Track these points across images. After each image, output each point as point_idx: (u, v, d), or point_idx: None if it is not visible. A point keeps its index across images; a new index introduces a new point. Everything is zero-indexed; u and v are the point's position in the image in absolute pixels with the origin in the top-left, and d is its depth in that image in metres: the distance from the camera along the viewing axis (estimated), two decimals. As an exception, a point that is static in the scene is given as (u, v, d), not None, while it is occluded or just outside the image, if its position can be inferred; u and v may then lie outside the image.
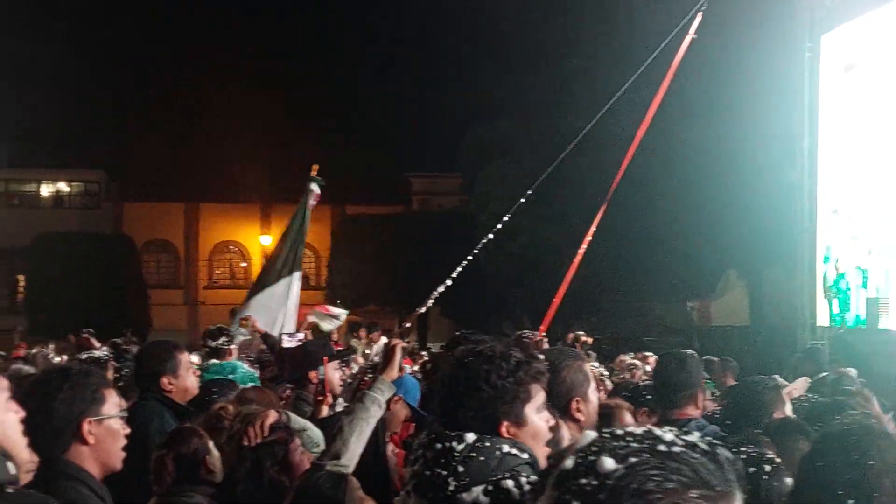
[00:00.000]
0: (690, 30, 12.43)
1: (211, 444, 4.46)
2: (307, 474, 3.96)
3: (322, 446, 4.64)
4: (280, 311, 12.60)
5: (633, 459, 1.32)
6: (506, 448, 2.86)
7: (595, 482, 1.32)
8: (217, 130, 54.07)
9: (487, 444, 2.86)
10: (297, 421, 4.88)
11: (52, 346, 26.03)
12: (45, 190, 52.95)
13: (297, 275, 13.10)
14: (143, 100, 64.38)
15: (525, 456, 2.86)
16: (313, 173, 13.54)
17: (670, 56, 12.47)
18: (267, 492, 4.10)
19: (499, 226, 11.35)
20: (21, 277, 47.12)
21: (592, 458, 1.35)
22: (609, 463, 1.32)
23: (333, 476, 3.76)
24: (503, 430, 2.97)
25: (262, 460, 4.22)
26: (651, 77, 12.44)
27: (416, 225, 44.58)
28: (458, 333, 5.81)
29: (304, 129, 56.36)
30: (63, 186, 52.85)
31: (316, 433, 5.00)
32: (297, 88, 61.26)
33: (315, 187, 13.51)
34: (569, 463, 1.38)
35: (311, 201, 13.67)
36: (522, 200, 12.11)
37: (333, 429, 4.33)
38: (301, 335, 10.45)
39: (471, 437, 2.87)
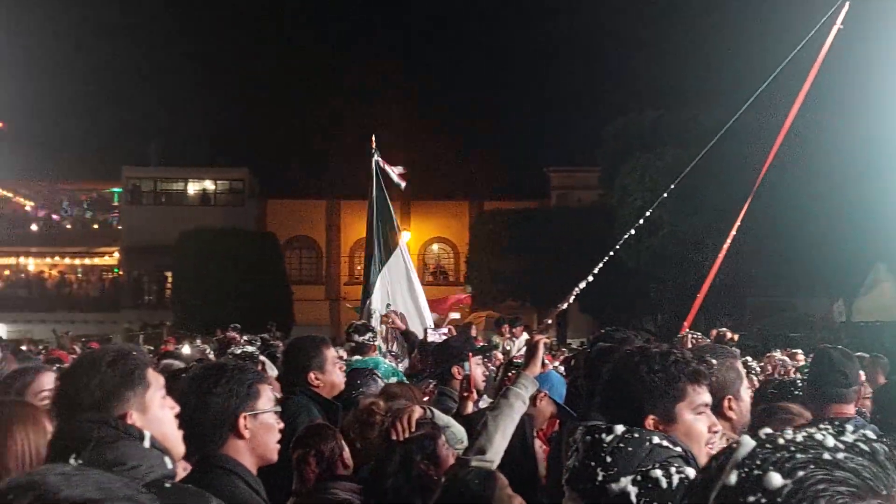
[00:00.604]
0: (837, 20, 12.08)
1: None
2: (453, 470, 3.96)
3: (465, 443, 4.64)
4: (409, 305, 12.30)
5: (800, 473, 1.27)
6: (655, 439, 2.82)
7: (764, 500, 1.27)
8: (358, 127, 54.90)
9: (636, 435, 2.83)
10: (441, 417, 4.89)
11: (198, 341, 26.79)
12: (192, 188, 54.41)
13: (395, 258, 12.66)
14: (286, 98, 65.73)
15: (678, 449, 2.81)
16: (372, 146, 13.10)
17: (816, 47, 12.15)
18: (415, 486, 4.12)
19: (640, 221, 11.17)
20: (168, 274, 48.49)
21: (758, 472, 1.30)
22: (777, 479, 1.27)
23: (481, 472, 3.75)
24: (648, 423, 2.94)
25: (411, 454, 4.25)
26: (796, 68, 12.13)
27: (555, 220, 44.36)
28: (602, 331, 5.74)
29: (442, 124, 56.80)
30: (209, 185, 54.23)
31: (459, 430, 5.00)
32: (435, 86, 61.77)
33: (377, 158, 13.04)
34: (732, 478, 1.33)
35: (396, 179, 13.20)
36: (665, 195, 11.90)
37: (478, 425, 4.33)
38: (444, 330, 10.46)
39: (620, 428, 2.85)
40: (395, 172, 13.06)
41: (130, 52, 71.42)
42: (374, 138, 13.14)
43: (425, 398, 6.24)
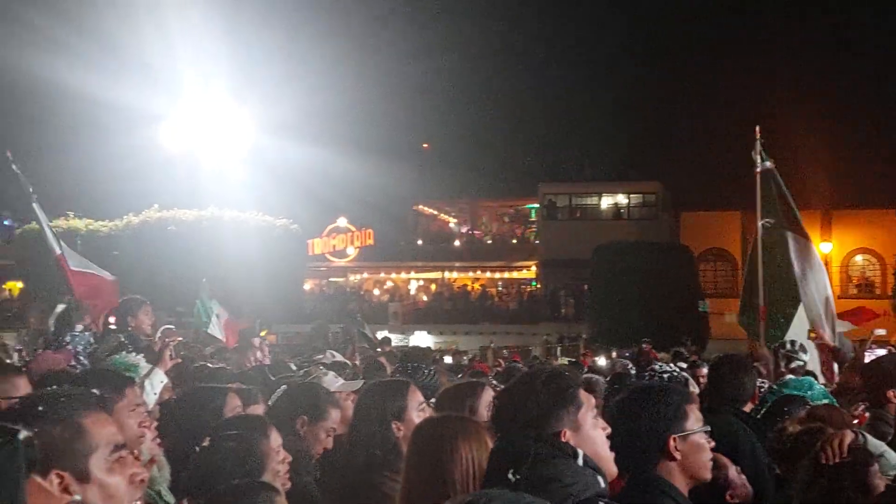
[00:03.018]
0: None
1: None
2: (881, 498, 3.73)
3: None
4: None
5: None
6: None
7: None
8: (777, 135, 53.22)
9: None
10: (873, 443, 4.58)
11: (614, 354, 26.99)
12: (605, 202, 55.06)
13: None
14: (695, 109, 65.05)
15: None
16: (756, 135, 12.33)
17: None
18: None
19: None
20: (584, 287, 49.27)
21: None
22: None
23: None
24: None
25: (840, 481, 4.03)
26: None
27: None
28: None
29: (867, 128, 53.76)
30: (622, 199, 54.63)
31: (892, 456, 4.65)
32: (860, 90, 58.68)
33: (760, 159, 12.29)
34: None
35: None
36: None
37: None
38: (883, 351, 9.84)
39: None
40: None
41: (540, 73, 73.61)
42: (758, 144, 12.66)
43: (855, 421, 5.89)
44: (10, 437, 1.35)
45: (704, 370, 10.27)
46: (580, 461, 2.81)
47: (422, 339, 42.93)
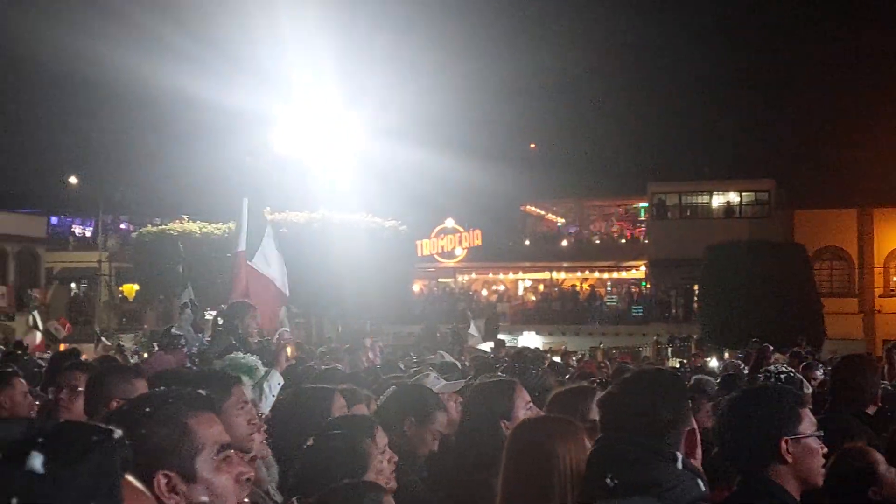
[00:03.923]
0: None
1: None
2: None
3: None
4: None
5: None
6: None
7: None
8: (889, 131, 51.81)
9: None
10: None
11: (726, 355, 26.55)
12: (716, 201, 54.23)
13: None
14: (809, 106, 63.69)
15: None
16: None
17: None
18: None
19: None
20: (695, 287, 48.61)
21: None
22: None
23: None
24: None
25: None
26: None
27: None
28: None
29: None
30: (733, 197, 53.73)
31: None
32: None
33: None
34: None
35: None
36: None
37: None
38: None
39: None
40: None
41: (647, 70, 72.88)
42: None
43: None
44: (106, 436, 1.38)
45: (818, 372, 10.05)
46: (679, 464, 2.76)
47: (530, 339, 42.83)
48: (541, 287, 56.78)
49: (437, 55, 54.06)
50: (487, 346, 25.81)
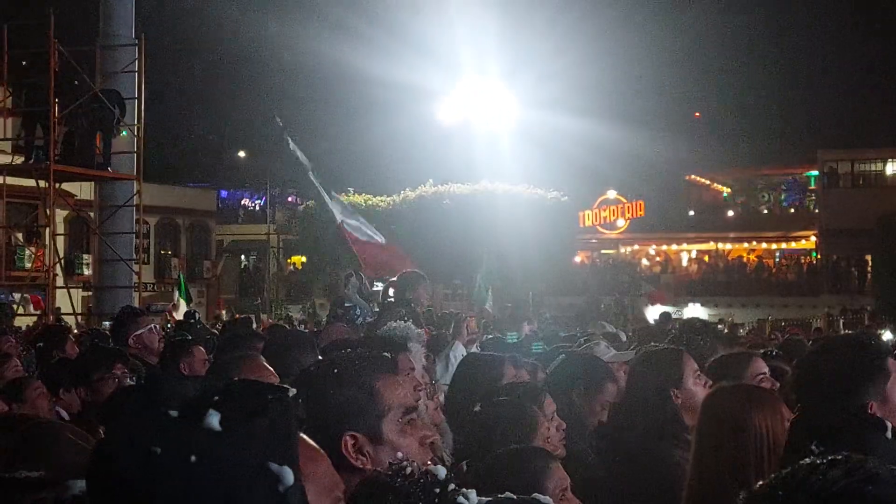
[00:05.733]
0: None
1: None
2: None
3: None
4: None
5: None
6: None
7: None
8: None
9: None
10: None
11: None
12: (890, 168, 52.30)
13: None
14: None
15: None
16: None
17: None
18: None
19: None
20: (868, 258, 47.13)
21: None
22: None
23: None
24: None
25: None
26: None
27: None
28: None
29: None
30: (910, 164, 51.78)
31: None
32: None
33: None
34: None
35: None
36: None
37: None
38: None
39: None
40: None
41: (815, 33, 70.24)
42: None
43: None
44: (281, 394, 1.37)
45: None
46: (889, 434, 2.61)
47: (695, 311, 42.19)
48: (706, 258, 55.83)
49: (598, 22, 53.44)
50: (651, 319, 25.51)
